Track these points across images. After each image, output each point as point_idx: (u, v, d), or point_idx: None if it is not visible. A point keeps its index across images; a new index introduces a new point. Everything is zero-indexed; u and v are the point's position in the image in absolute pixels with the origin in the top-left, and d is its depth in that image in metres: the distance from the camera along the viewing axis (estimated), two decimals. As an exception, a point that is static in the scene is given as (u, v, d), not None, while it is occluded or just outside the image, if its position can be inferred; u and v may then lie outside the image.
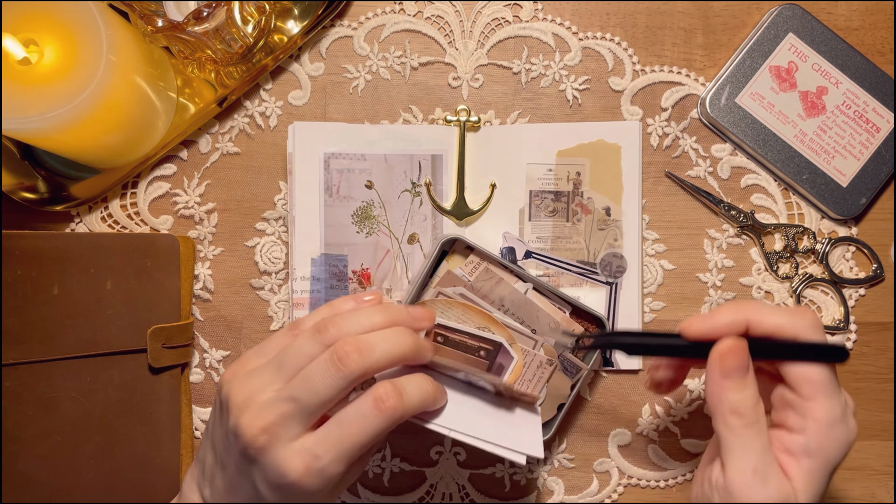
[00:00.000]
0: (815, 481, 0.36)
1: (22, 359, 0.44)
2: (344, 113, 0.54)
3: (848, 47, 0.52)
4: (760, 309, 0.37)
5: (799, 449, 0.36)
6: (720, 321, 0.37)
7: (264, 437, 0.37)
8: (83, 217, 0.53)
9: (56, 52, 0.45)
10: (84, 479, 0.47)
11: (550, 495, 0.54)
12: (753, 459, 0.36)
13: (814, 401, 0.36)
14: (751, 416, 0.36)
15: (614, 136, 0.52)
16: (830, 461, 0.36)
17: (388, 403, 0.38)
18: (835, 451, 0.36)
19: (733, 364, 0.37)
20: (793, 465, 0.36)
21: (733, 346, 0.37)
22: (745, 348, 0.37)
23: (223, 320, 0.54)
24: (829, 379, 0.36)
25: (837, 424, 0.36)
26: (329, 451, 0.37)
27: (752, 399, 0.36)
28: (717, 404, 0.37)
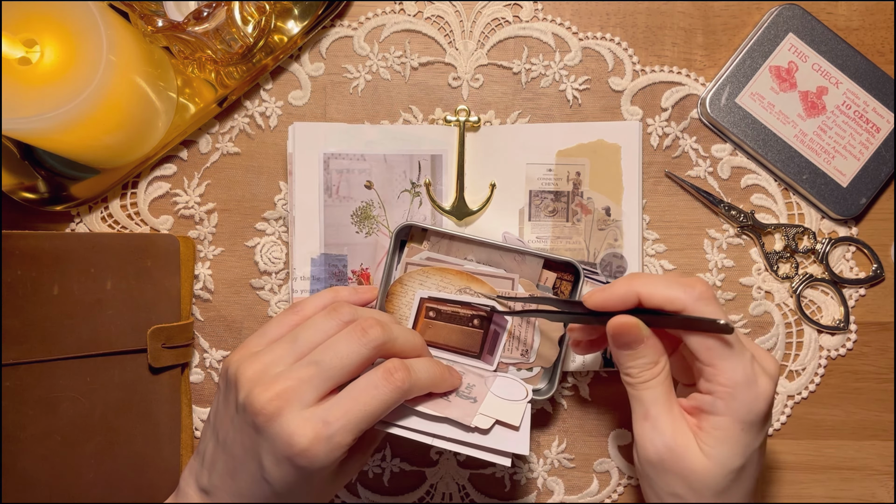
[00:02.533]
0: (729, 438, 0.39)
1: (22, 359, 0.44)
2: (344, 113, 0.54)
3: (848, 47, 0.52)
4: (650, 283, 0.40)
5: (708, 408, 0.39)
6: (614, 294, 0.41)
7: (275, 404, 0.37)
8: (83, 217, 0.53)
9: (56, 52, 0.45)
10: (84, 479, 0.47)
11: (550, 495, 0.54)
12: (644, 408, 0.40)
13: (714, 367, 0.39)
14: (642, 376, 0.40)
15: (614, 136, 0.52)
16: (743, 419, 0.39)
17: (397, 375, 0.39)
18: (744, 410, 0.38)
19: (624, 340, 0.40)
20: (706, 421, 0.39)
21: (622, 324, 0.40)
22: (635, 324, 0.40)
23: (223, 320, 0.54)
24: (725, 344, 0.39)
25: (742, 387, 0.38)
26: (340, 418, 0.37)
27: (644, 364, 0.40)
28: (618, 367, 0.42)
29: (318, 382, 0.38)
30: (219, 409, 0.42)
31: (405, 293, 0.49)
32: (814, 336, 0.53)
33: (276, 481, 0.38)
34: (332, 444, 0.37)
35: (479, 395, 0.45)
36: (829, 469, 0.54)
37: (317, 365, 0.38)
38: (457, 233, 0.50)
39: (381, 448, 0.54)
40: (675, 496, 0.40)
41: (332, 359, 0.39)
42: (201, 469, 0.42)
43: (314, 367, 0.38)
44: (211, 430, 0.42)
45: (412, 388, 0.40)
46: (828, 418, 0.54)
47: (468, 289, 0.49)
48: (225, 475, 0.40)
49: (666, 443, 0.39)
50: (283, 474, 0.38)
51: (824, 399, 0.54)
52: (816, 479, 0.54)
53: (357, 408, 0.38)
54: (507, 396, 0.46)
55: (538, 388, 0.50)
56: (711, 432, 0.39)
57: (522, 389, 0.48)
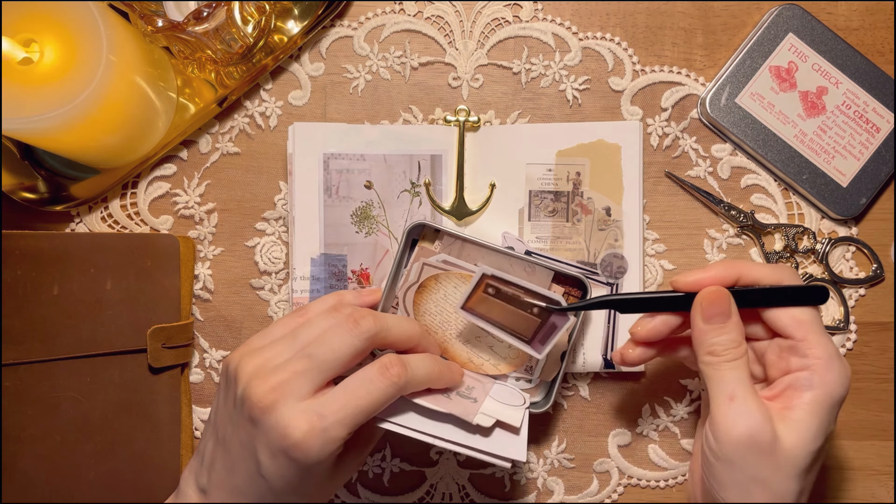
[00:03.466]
0: (819, 411, 0.38)
1: (22, 359, 0.44)
2: (344, 113, 0.54)
3: (848, 47, 0.52)
4: (746, 263, 0.42)
5: (803, 382, 0.39)
6: (712, 273, 0.41)
7: (272, 396, 0.37)
8: (83, 217, 0.53)
9: (56, 52, 0.45)
10: (84, 479, 0.47)
11: (550, 495, 0.54)
12: (729, 388, 0.39)
13: (808, 340, 0.39)
14: (726, 355, 0.40)
15: (614, 136, 0.52)
16: (833, 395, 0.39)
17: (392, 370, 0.39)
18: (837, 384, 0.39)
19: (714, 310, 0.40)
20: (797, 398, 0.39)
21: (714, 292, 0.40)
22: (727, 295, 0.40)
23: (223, 320, 0.54)
24: (818, 319, 0.40)
25: (835, 359, 0.39)
26: (335, 412, 0.37)
27: (730, 341, 0.40)
28: (698, 347, 0.41)
29: (313, 375, 0.38)
30: (219, 407, 0.42)
31: (437, 289, 0.49)
32: (814, 336, 0.53)
33: (272, 476, 0.38)
34: (326, 437, 0.37)
35: (479, 396, 0.45)
36: (829, 469, 0.54)
37: (310, 358, 0.39)
38: (471, 237, 0.49)
39: (381, 448, 0.54)
40: (758, 480, 0.38)
41: (324, 351, 0.39)
42: (201, 468, 0.42)
43: (307, 359, 0.39)
44: (211, 429, 0.42)
45: (408, 383, 0.40)
46: (828, 418, 0.54)
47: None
48: (223, 473, 0.40)
49: (756, 421, 0.38)
50: (278, 468, 0.38)
51: (824, 399, 0.54)
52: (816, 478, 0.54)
53: (352, 402, 0.38)
54: (505, 401, 0.46)
55: (534, 401, 0.50)
56: (804, 407, 0.38)
57: (520, 397, 0.48)
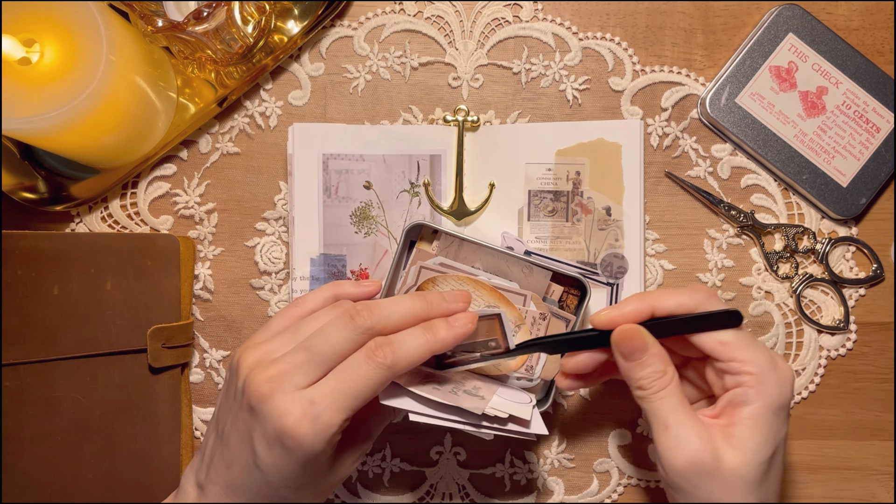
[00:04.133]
0: (760, 425, 0.39)
1: (22, 359, 0.44)
2: (344, 113, 0.54)
3: (848, 47, 0.52)
4: (660, 295, 0.42)
5: (740, 399, 0.39)
6: (625, 310, 0.41)
7: (268, 385, 0.38)
8: (83, 217, 0.53)
9: (56, 52, 0.45)
10: (84, 479, 0.47)
11: (550, 495, 0.54)
12: (663, 418, 0.40)
13: (736, 359, 0.39)
14: (654, 386, 0.40)
15: (614, 135, 0.52)
16: (772, 404, 0.39)
17: (378, 353, 0.39)
18: (774, 394, 0.39)
19: (629, 348, 0.40)
20: (736, 414, 0.39)
21: (626, 331, 0.41)
22: (638, 332, 0.40)
23: (223, 320, 0.54)
24: (739, 336, 0.40)
25: (767, 370, 0.39)
26: (326, 397, 0.38)
27: (654, 374, 0.40)
28: (628, 382, 0.42)
29: (310, 367, 0.39)
30: (222, 402, 0.42)
31: None
32: (814, 336, 0.53)
33: (268, 467, 0.38)
34: (319, 424, 0.37)
35: (486, 395, 0.46)
36: (829, 469, 0.54)
37: (308, 350, 0.39)
38: (469, 238, 0.49)
39: (381, 448, 0.54)
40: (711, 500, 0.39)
41: (321, 344, 0.39)
42: (201, 465, 0.42)
43: (305, 352, 0.39)
44: (213, 425, 0.43)
45: (396, 362, 0.39)
46: (828, 418, 0.54)
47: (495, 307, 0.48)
48: (220, 467, 0.40)
49: (694, 447, 0.38)
50: (273, 457, 0.38)
51: (824, 399, 0.54)
52: (816, 479, 0.54)
53: (342, 386, 0.38)
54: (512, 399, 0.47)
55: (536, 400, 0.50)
56: (744, 423, 0.39)
57: (526, 396, 0.48)
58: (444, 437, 0.54)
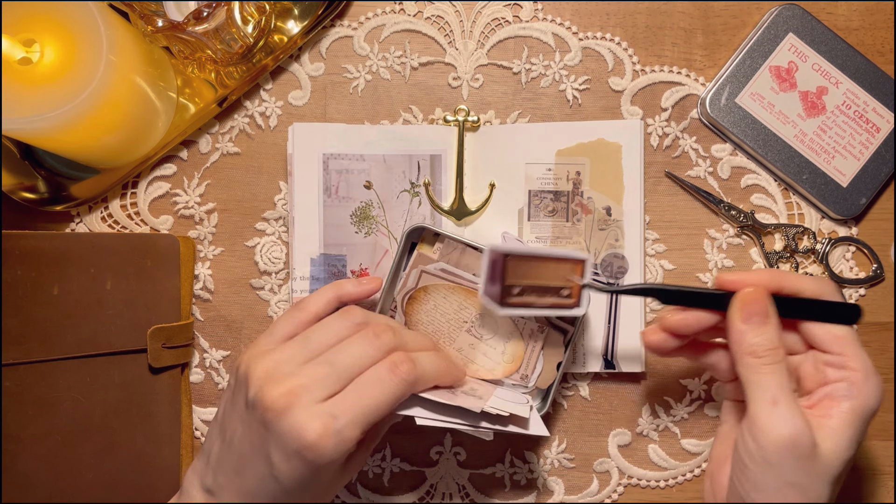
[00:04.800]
0: (854, 420, 0.39)
1: (22, 359, 0.44)
2: (344, 113, 0.54)
3: (848, 47, 0.52)
4: (789, 274, 0.42)
5: (842, 393, 0.39)
6: (755, 276, 0.41)
7: (286, 399, 0.38)
8: (83, 217, 0.53)
9: (56, 52, 0.45)
10: (84, 479, 0.47)
11: (550, 495, 0.54)
12: (771, 392, 0.39)
13: (847, 355, 0.40)
14: (767, 357, 0.39)
15: (615, 135, 0.52)
16: (868, 406, 0.39)
17: (401, 368, 0.40)
18: (873, 396, 0.39)
19: (753, 309, 0.40)
20: (835, 407, 0.39)
21: (753, 292, 0.40)
22: (766, 295, 0.40)
23: (223, 320, 0.54)
24: (855, 335, 0.41)
25: (872, 373, 0.40)
26: (347, 412, 0.38)
27: (769, 342, 0.40)
28: (738, 348, 0.40)
29: (330, 382, 0.39)
30: (227, 408, 0.42)
31: (427, 300, 0.49)
32: (814, 336, 0.53)
33: (286, 477, 0.38)
34: (340, 438, 0.38)
35: (484, 395, 0.46)
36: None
37: (330, 365, 0.39)
38: (471, 243, 0.49)
39: (381, 448, 0.54)
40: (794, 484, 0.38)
41: (344, 359, 0.40)
42: (206, 468, 0.42)
43: (328, 366, 0.39)
44: (218, 430, 0.42)
45: (418, 380, 0.40)
46: (828, 418, 0.54)
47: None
48: (231, 474, 0.40)
49: (799, 427, 0.38)
50: (291, 469, 0.38)
51: (824, 399, 0.54)
52: (816, 479, 0.54)
53: (363, 402, 0.38)
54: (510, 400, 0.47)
55: None
56: (842, 416, 0.39)
57: (523, 397, 0.48)
58: (444, 437, 0.54)
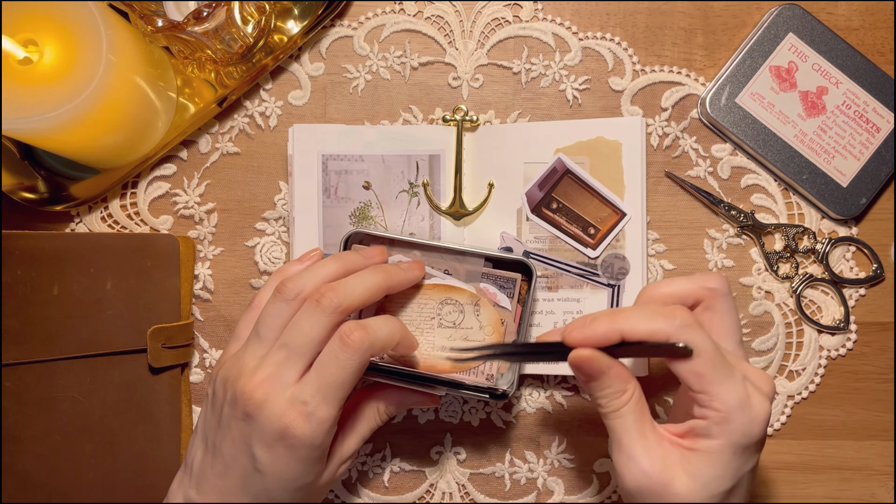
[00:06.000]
0: (719, 461, 0.38)
1: (22, 359, 0.44)
2: (344, 113, 0.54)
3: (848, 47, 0.52)
4: (632, 317, 0.39)
5: (702, 431, 0.39)
6: (595, 333, 0.39)
7: (262, 390, 0.39)
8: (83, 217, 0.53)
9: (56, 52, 0.45)
10: (84, 479, 0.47)
11: (550, 495, 0.54)
12: (617, 439, 0.40)
13: (706, 393, 0.38)
14: (611, 406, 0.40)
15: (614, 133, 0.52)
16: (735, 443, 0.38)
17: (353, 337, 0.40)
18: (738, 433, 0.38)
19: (585, 372, 0.40)
20: (697, 443, 0.39)
21: (580, 357, 0.39)
22: (593, 359, 0.39)
23: (223, 320, 0.54)
24: (714, 370, 0.38)
25: (736, 411, 0.38)
26: (314, 394, 0.39)
27: (613, 395, 0.40)
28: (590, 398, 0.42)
29: (292, 363, 0.40)
30: (207, 417, 0.43)
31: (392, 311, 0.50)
32: (814, 336, 0.53)
33: (269, 468, 0.39)
34: (315, 420, 0.39)
35: None
36: (829, 469, 0.54)
37: (286, 347, 0.40)
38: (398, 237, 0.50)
39: (381, 448, 0.54)
40: None
41: (296, 336, 0.40)
42: (190, 481, 0.42)
43: (284, 349, 0.40)
44: (199, 440, 0.43)
45: (372, 345, 0.40)
46: (828, 418, 0.53)
47: (449, 299, 0.49)
48: (213, 478, 0.41)
49: (642, 470, 0.38)
50: (274, 459, 0.39)
51: (824, 399, 0.54)
52: (816, 479, 0.54)
53: (325, 380, 0.39)
54: None
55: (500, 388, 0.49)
56: (703, 454, 0.38)
57: None
58: (444, 437, 0.54)
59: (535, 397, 0.54)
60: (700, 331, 0.38)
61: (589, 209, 0.51)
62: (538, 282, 0.51)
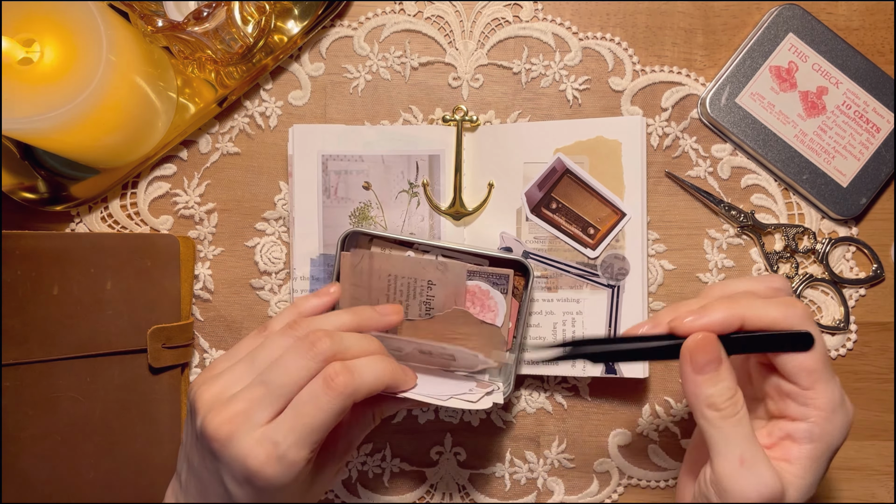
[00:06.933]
0: (816, 465, 0.37)
1: (22, 359, 0.44)
2: (344, 113, 0.54)
3: (848, 47, 0.52)
4: (754, 305, 0.37)
5: (803, 435, 0.37)
6: (715, 318, 0.37)
7: (227, 428, 0.36)
8: (83, 217, 0.53)
9: (56, 52, 0.45)
10: (84, 479, 0.47)
11: (550, 495, 0.54)
12: (739, 449, 0.36)
13: (813, 389, 0.36)
14: (728, 409, 0.36)
15: (614, 133, 0.52)
16: (833, 445, 0.37)
17: (337, 381, 0.37)
18: (837, 435, 0.37)
19: (703, 359, 0.36)
20: (795, 449, 0.37)
21: (702, 341, 0.37)
22: (715, 342, 0.37)
23: (223, 320, 0.54)
24: (825, 366, 0.37)
25: (838, 410, 0.37)
26: (287, 435, 0.36)
27: (727, 391, 0.37)
28: (694, 400, 0.37)
29: (268, 402, 0.37)
30: (187, 433, 0.41)
31: None
32: (814, 336, 0.53)
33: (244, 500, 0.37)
34: (285, 463, 0.36)
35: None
36: (829, 469, 0.53)
37: (265, 384, 0.38)
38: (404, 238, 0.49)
39: (381, 448, 0.54)
40: None
41: (280, 376, 0.38)
42: (180, 491, 0.42)
43: (263, 386, 0.38)
44: (184, 454, 0.41)
45: (356, 391, 0.38)
46: (828, 418, 0.53)
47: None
48: (198, 497, 0.40)
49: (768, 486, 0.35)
50: (246, 496, 0.37)
51: (824, 399, 0.54)
52: (816, 479, 0.54)
53: (302, 422, 0.37)
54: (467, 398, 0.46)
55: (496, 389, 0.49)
56: (802, 462, 0.36)
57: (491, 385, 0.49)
58: (444, 437, 0.54)
59: (535, 397, 0.54)
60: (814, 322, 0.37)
61: (588, 209, 0.51)
62: (537, 282, 0.51)
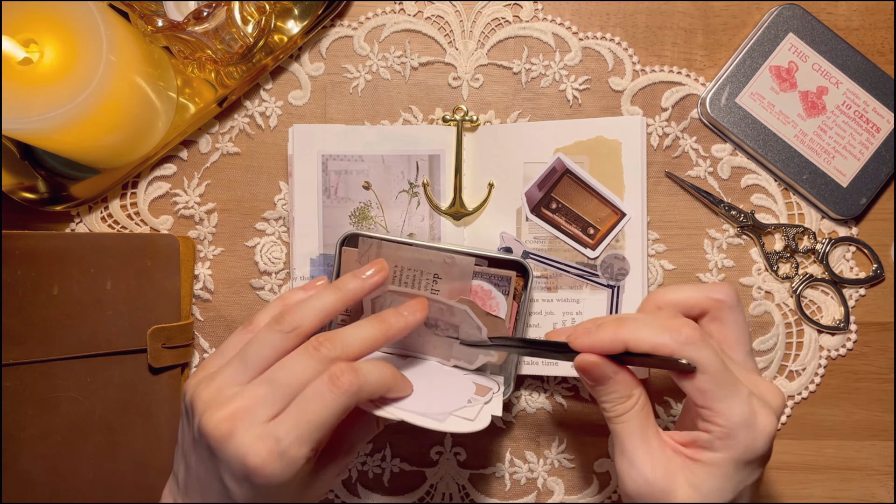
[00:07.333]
0: (722, 472, 0.38)
1: (22, 359, 0.44)
2: (344, 113, 0.54)
3: (848, 47, 0.52)
4: (637, 329, 0.39)
5: (704, 444, 0.38)
6: (602, 339, 0.39)
7: (227, 424, 0.37)
8: (83, 217, 0.53)
9: (56, 52, 0.45)
10: (84, 479, 0.47)
11: (550, 495, 0.54)
12: (620, 443, 0.40)
13: (710, 408, 0.38)
14: (616, 411, 0.40)
15: (614, 133, 0.52)
16: (738, 458, 0.38)
17: (342, 379, 0.38)
18: (741, 449, 0.38)
19: (591, 377, 0.40)
20: (699, 454, 0.39)
21: (587, 363, 0.40)
22: (599, 364, 0.40)
23: (223, 320, 0.54)
24: (719, 386, 0.37)
25: (739, 427, 0.37)
26: (290, 432, 0.37)
27: (619, 399, 0.40)
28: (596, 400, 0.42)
29: (272, 401, 0.37)
30: (183, 433, 0.41)
31: None
32: (814, 336, 0.53)
33: (243, 499, 0.37)
34: (286, 460, 0.36)
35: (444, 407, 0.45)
36: (829, 469, 0.54)
37: (271, 383, 0.38)
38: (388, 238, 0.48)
39: (381, 448, 0.54)
40: None
41: (286, 376, 0.38)
42: (177, 491, 0.41)
43: (269, 385, 0.38)
44: (181, 455, 0.41)
45: (361, 390, 0.38)
46: (828, 418, 0.54)
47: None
48: (196, 496, 0.40)
49: (644, 476, 0.38)
50: (245, 494, 0.37)
51: (824, 399, 0.54)
52: (816, 479, 0.54)
53: (306, 419, 0.37)
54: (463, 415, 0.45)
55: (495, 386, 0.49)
56: (705, 466, 0.38)
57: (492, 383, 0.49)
58: (444, 437, 0.54)
59: (535, 397, 0.54)
60: (705, 347, 0.38)
61: (588, 209, 0.51)
62: (537, 282, 0.51)
